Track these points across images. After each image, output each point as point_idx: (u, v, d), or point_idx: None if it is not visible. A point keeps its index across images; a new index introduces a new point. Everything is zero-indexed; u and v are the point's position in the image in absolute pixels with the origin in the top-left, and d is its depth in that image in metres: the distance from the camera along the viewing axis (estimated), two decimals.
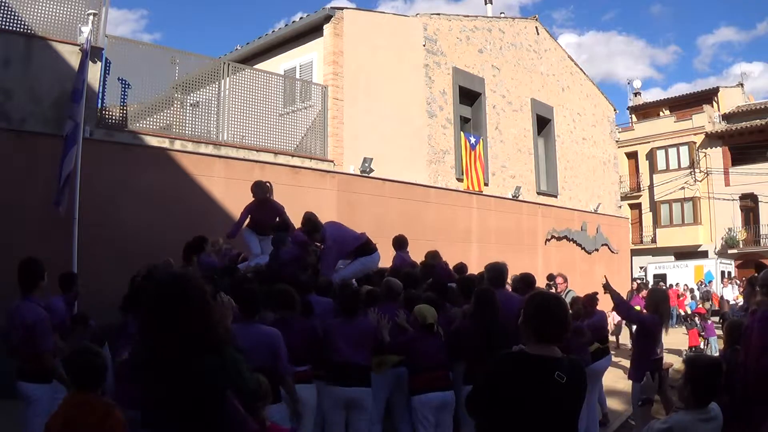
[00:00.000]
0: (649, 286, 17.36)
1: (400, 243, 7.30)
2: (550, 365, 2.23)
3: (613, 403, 6.89)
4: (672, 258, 25.52)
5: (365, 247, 6.00)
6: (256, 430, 2.27)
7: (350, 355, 4.34)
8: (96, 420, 2.38)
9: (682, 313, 15.79)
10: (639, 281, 17.43)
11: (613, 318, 10.60)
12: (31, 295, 4.08)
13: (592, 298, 6.32)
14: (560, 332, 2.32)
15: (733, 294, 17.05)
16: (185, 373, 1.99)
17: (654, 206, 27.83)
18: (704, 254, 25.14)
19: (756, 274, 4.57)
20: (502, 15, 16.14)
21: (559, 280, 8.17)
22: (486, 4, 16.08)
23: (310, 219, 5.87)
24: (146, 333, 2.10)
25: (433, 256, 6.86)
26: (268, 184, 6.64)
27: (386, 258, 7.38)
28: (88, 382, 2.51)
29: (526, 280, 5.80)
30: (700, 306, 15.61)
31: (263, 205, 6.55)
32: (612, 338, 10.50)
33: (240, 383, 2.14)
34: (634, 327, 6.17)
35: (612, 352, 6.76)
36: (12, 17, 7.08)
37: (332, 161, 10.25)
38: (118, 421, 2.46)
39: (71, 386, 2.59)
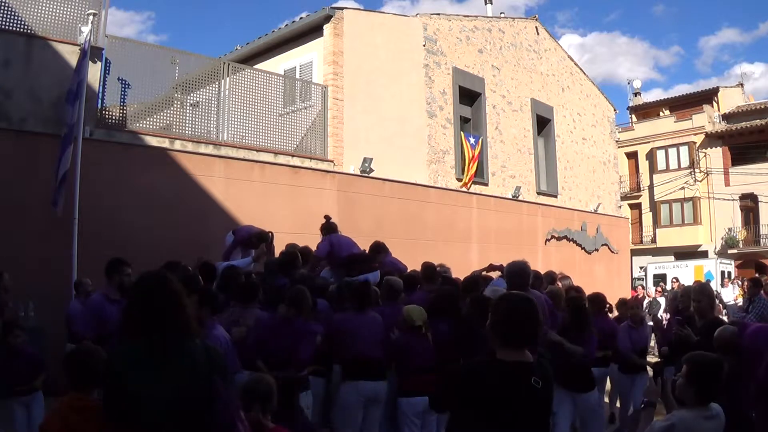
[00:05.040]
0: (648, 288, 17.37)
1: (381, 249, 6.71)
2: (526, 371, 2.15)
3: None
4: (672, 258, 25.49)
5: (363, 265, 5.80)
6: (240, 414, 2.30)
7: (367, 350, 4.37)
8: (96, 424, 2.33)
9: None
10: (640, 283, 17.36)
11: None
12: None
13: (599, 300, 5.96)
14: (533, 335, 2.23)
15: (733, 294, 17.05)
16: (170, 361, 2.14)
17: (654, 206, 27.82)
18: (704, 254, 25.12)
19: (757, 275, 4.57)
20: (502, 15, 16.14)
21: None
22: (486, 4, 16.08)
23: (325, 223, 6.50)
24: (129, 328, 2.26)
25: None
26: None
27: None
28: (87, 383, 2.48)
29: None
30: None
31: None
32: None
33: (222, 366, 2.32)
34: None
35: None
36: (12, 17, 7.08)
37: (332, 161, 10.25)
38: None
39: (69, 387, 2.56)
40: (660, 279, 21.13)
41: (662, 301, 14.45)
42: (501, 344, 2.22)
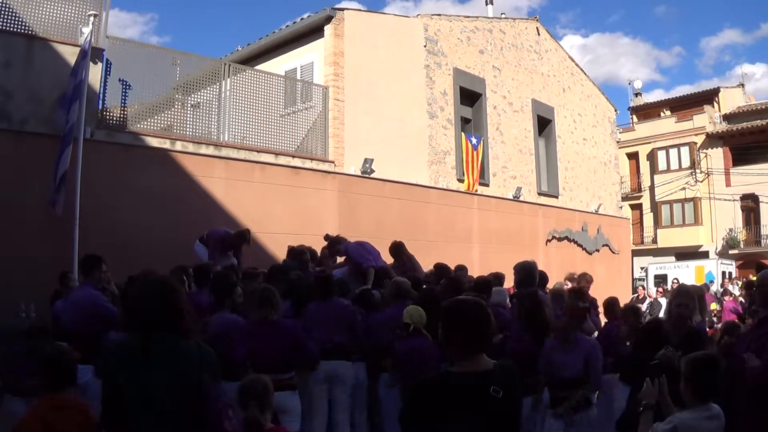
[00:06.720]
0: (647, 288, 17.34)
1: (402, 250, 6.92)
2: (483, 380, 2.03)
3: None
4: (673, 258, 25.48)
5: (385, 279, 5.84)
6: (229, 408, 2.33)
7: (328, 335, 4.51)
8: (79, 422, 2.36)
9: None
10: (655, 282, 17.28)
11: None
12: None
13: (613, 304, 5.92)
14: (487, 339, 2.13)
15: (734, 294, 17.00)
16: (161, 360, 2.19)
17: (655, 207, 27.81)
18: (705, 255, 25.10)
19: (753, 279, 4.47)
20: (503, 16, 16.14)
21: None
22: (487, 4, 16.08)
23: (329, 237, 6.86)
24: (128, 326, 2.33)
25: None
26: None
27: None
28: (60, 383, 2.49)
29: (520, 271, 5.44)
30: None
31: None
32: None
33: (214, 366, 2.36)
34: None
35: None
36: (13, 18, 7.07)
37: (333, 162, 10.24)
38: (96, 421, 2.45)
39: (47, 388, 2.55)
40: (661, 280, 21.09)
41: (663, 301, 14.44)
42: (460, 353, 2.10)
